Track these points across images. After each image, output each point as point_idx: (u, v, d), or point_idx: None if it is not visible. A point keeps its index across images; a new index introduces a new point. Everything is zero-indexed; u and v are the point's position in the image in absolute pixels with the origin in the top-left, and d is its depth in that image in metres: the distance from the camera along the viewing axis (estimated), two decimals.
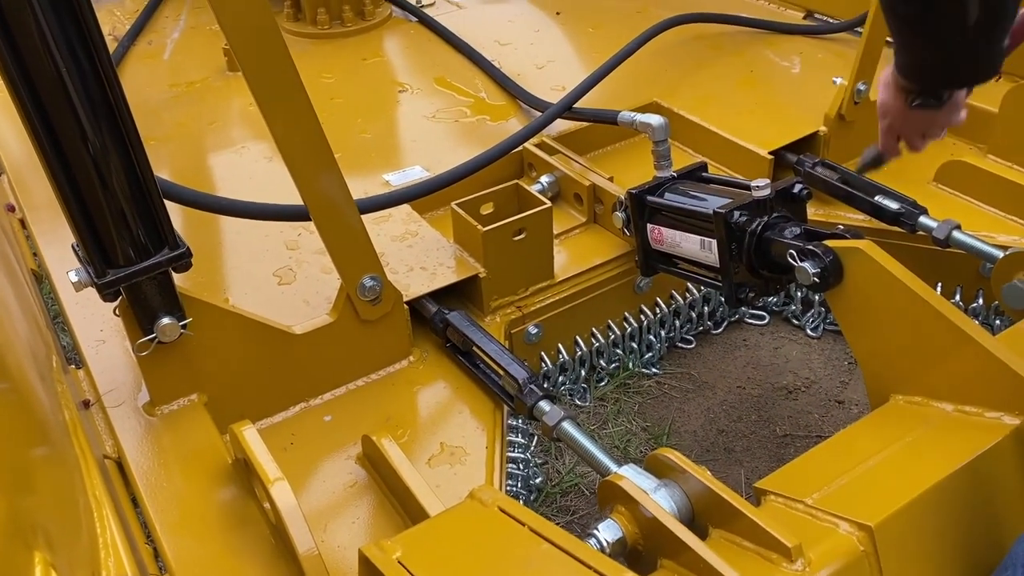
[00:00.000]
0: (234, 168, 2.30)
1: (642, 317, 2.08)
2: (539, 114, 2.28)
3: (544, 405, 1.53)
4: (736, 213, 1.57)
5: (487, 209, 1.92)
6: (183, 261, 1.35)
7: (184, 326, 1.43)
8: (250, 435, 1.30)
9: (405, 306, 1.71)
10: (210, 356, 1.52)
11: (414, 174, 2.21)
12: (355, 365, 1.68)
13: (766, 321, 2.25)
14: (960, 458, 1.23)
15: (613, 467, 1.37)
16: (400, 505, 1.41)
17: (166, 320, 1.40)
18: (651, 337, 2.11)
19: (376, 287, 1.60)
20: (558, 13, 3.03)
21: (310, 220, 1.50)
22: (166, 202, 1.35)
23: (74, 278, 1.34)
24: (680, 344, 2.19)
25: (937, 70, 1.46)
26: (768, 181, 1.60)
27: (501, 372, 1.61)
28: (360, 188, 2.13)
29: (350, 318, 1.61)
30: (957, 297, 2.02)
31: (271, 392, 1.62)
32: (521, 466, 1.71)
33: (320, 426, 1.62)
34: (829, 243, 1.45)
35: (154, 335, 1.40)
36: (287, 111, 1.37)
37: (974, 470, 1.23)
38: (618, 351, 2.09)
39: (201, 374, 1.53)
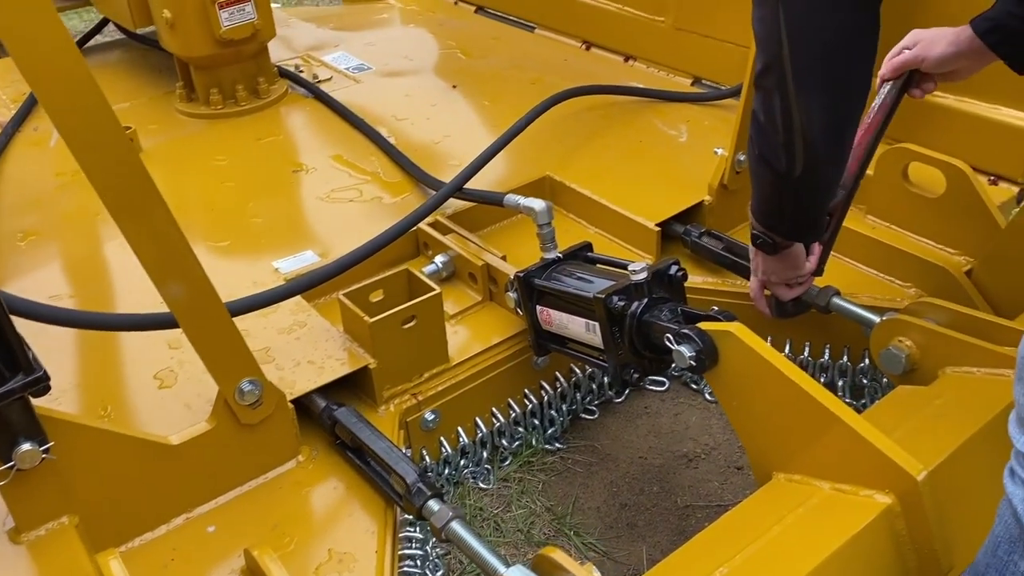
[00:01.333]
0: (121, 262, 2.22)
1: (543, 393, 2.08)
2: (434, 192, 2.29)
3: (433, 505, 1.50)
4: (615, 298, 1.59)
5: (377, 296, 1.90)
6: (40, 386, 1.29)
7: (46, 451, 1.36)
8: (115, 568, 1.24)
9: (290, 405, 1.66)
10: (80, 476, 1.45)
11: (305, 259, 2.18)
12: (239, 470, 1.63)
13: (666, 387, 2.27)
14: (835, 541, 1.24)
15: (501, 569, 1.34)
16: None
17: (26, 446, 1.33)
18: (553, 412, 2.11)
19: (255, 391, 1.55)
20: (454, 86, 3.06)
21: (178, 327, 1.46)
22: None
23: None
24: (583, 415, 2.19)
25: (764, 212, 1.59)
26: (645, 264, 1.62)
27: (390, 471, 1.58)
28: (248, 276, 2.09)
29: (229, 424, 1.56)
30: (845, 357, 2.07)
31: (150, 506, 1.55)
32: (419, 562, 1.67)
33: (203, 538, 1.56)
34: (703, 325, 1.47)
35: (13, 463, 1.33)
36: (140, 226, 1.32)
37: (848, 552, 1.24)
38: (520, 429, 2.07)
39: (71, 495, 1.46)
